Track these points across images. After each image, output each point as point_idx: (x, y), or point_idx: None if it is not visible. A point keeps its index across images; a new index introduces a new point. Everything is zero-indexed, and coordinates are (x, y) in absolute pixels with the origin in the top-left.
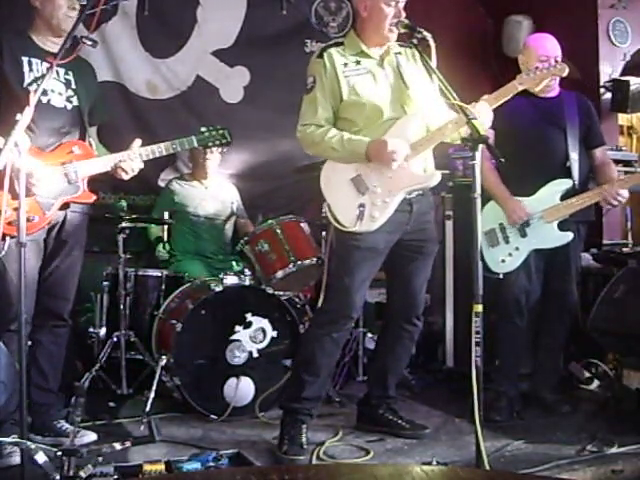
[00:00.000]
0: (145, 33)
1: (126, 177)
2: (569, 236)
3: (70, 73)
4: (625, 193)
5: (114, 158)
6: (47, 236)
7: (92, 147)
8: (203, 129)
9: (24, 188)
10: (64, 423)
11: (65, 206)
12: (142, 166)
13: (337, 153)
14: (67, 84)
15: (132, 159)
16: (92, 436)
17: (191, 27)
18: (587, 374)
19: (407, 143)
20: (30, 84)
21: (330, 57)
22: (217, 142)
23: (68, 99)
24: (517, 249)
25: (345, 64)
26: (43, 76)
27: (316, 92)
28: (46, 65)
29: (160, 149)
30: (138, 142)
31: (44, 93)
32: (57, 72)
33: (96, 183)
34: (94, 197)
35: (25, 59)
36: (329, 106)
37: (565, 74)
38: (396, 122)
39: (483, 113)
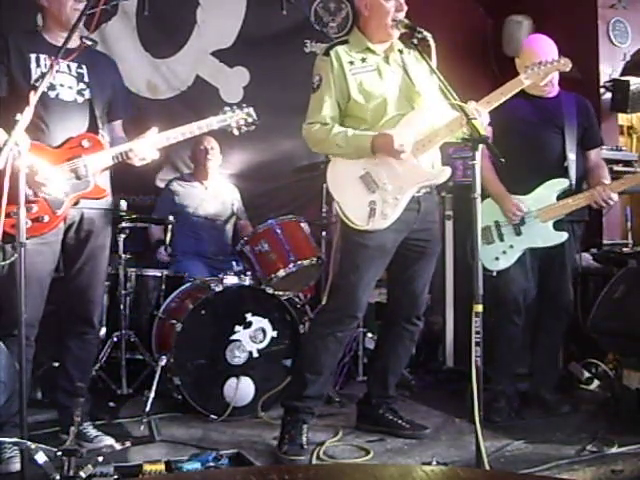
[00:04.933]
0: (145, 33)
1: (138, 163)
2: (564, 236)
3: (84, 67)
4: (615, 197)
5: (124, 147)
6: (65, 236)
7: (104, 140)
8: (227, 108)
9: (24, 188)
10: (87, 427)
11: (78, 203)
12: (157, 155)
13: (342, 149)
14: (79, 77)
15: (144, 147)
16: (109, 440)
17: (191, 27)
18: (587, 374)
19: (413, 134)
20: (37, 80)
21: (337, 55)
22: (243, 122)
23: (80, 92)
24: (511, 247)
25: (351, 62)
26: (43, 75)
27: (322, 91)
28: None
29: (183, 132)
30: (154, 130)
31: (52, 88)
32: (68, 66)
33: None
34: (104, 192)
35: (33, 56)
36: (335, 104)
37: (569, 69)
38: (404, 117)
39: (482, 114)
